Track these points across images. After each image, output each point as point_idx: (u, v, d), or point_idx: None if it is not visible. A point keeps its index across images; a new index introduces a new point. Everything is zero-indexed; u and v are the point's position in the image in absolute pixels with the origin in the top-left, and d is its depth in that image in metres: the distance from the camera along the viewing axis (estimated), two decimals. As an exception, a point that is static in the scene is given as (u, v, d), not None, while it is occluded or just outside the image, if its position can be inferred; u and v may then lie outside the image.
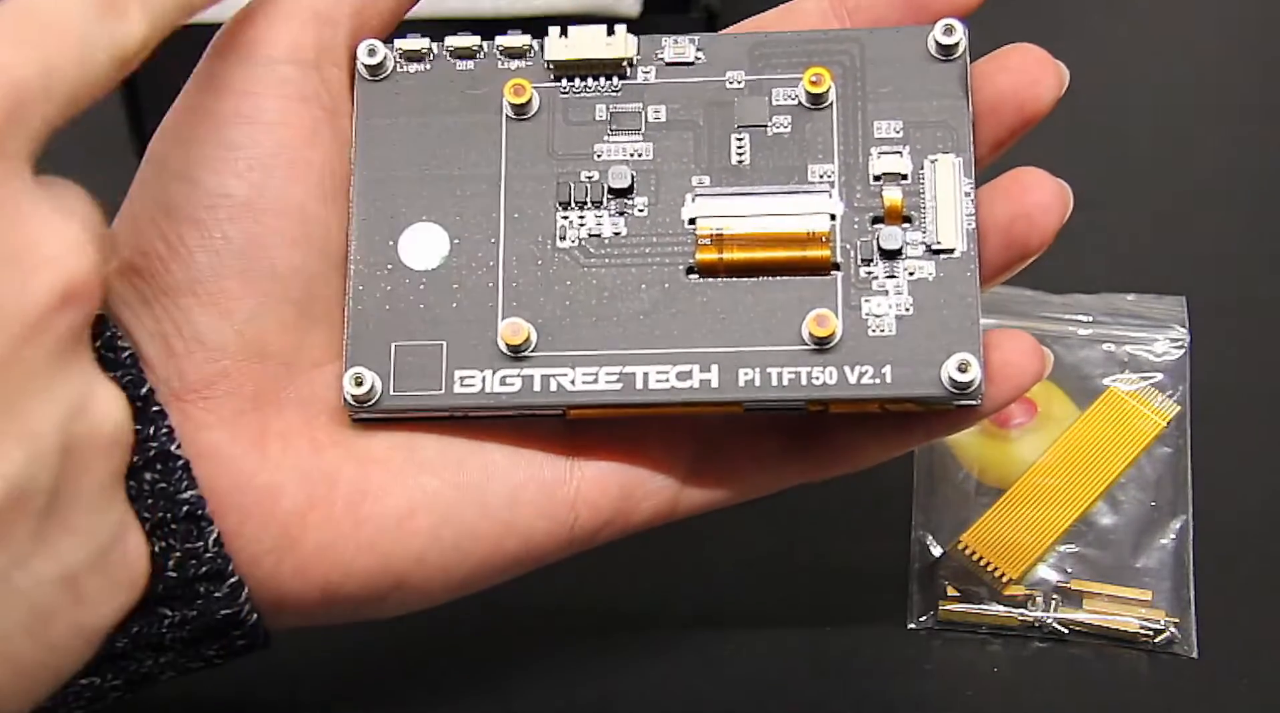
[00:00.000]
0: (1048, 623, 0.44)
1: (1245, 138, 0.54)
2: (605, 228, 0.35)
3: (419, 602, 0.35)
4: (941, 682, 0.43)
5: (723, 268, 0.34)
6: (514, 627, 0.43)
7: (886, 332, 0.34)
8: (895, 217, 0.34)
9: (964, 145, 0.35)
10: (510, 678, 0.43)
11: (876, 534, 0.45)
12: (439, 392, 0.34)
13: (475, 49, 0.36)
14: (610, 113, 0.36)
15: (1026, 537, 0.45)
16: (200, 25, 0.33)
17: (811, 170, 0.35)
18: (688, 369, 0.34)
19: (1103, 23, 0.57)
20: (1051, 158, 0.35)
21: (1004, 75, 0.34)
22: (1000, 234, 0.34)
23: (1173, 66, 0.56)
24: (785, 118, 0.35)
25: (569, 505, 0.35)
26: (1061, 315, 0.48)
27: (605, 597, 0.44)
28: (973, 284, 0.34)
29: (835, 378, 0.33)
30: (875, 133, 0.35)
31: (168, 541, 0.32)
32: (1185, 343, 0.48)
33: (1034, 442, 0.46)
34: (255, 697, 0.42)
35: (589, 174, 0.35)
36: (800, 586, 0.45)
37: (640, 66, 0.36)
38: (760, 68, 0.36)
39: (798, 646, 0.43)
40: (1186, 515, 0.45)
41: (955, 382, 0.33)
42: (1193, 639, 0.43)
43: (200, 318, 0.33)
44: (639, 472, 0.35)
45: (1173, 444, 0.47)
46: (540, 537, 0.35)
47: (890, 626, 0.44)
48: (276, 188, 0.34)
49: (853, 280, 0.34)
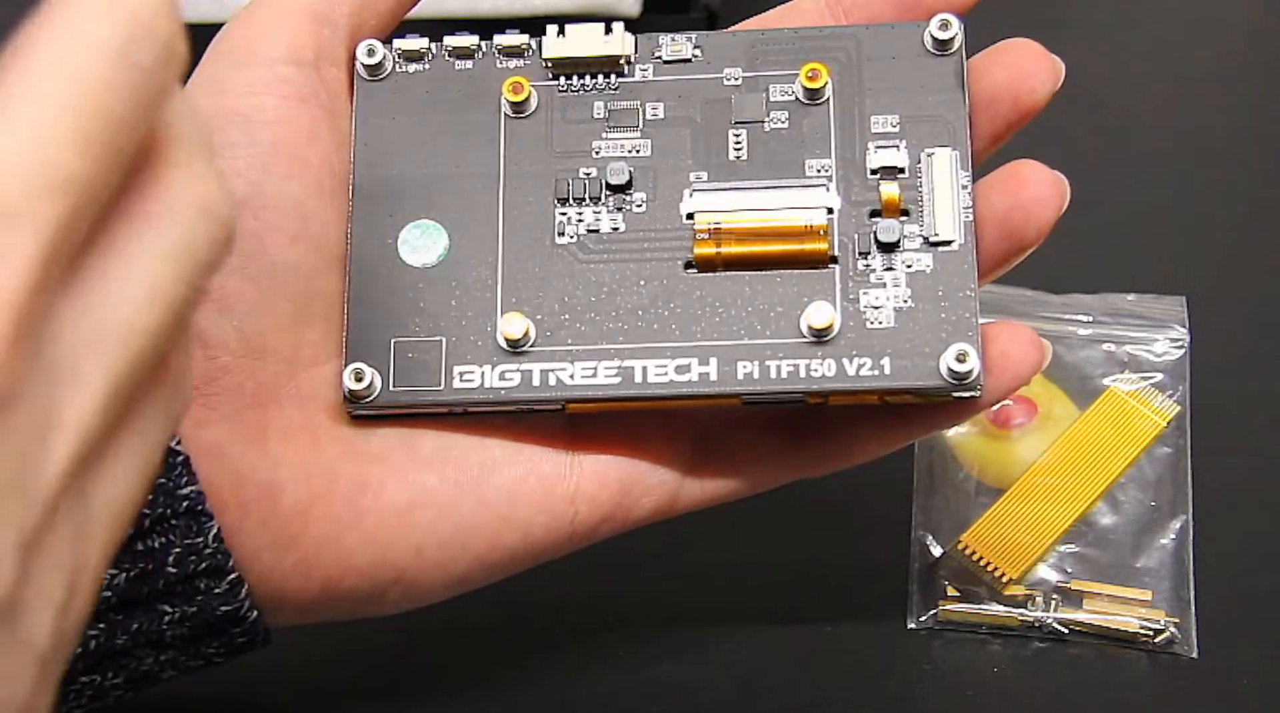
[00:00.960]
0: (1048, 623, 0.44)
1: (1245, 137, 0.54)
2: (603, 224, 0.35)
3: (419, 598, 0.35)
4: (941, 682, 0.43)
5: (720, 262, 0.34)
6: (513, 625, 0.43)
7: (885, 324, 0.34)
8: (893, 210, 0.34)
9: (960, 139, 0.35)
10: (509, 677, 0.43)
11: (876, 534, 0.45)
12: (438, 387, 0.34)
13: (474, 49, 0.36)
14: (608, 110, 0.36)
15: (1026, 537, 0.45)
16: (200, 25, 0.33)
17: (809, 165, 0.35)
18: (686, 363, 0.34)
19: (1103, 21, 0.57)
20: (1052, 158, 0.35)
21: (1000, 69, 0.35)
22: (997, 226, 0.34)
23: (1173, 65, 0.56)
24: (782, 113, 0.35)
25: (568, 500, 0.35)
26: (1061, 315, 0.48)
27: (604, 596, 0.44)
28: (970, 276, 0.34)
29: (834, 370, 0.33)
30: (872, 127, 0.35)
31: (168, 536, 0.32)
32: (1185, 343, 0.48)
33: (1034, 442, 0.46)
34: (256, 697, 0.42)
35: (587, 171, 0.36)
36: (800, 585, 0.44)
37: (638, 64, 0.36)
38: (757, 64, 0.36)
39: (798, 646, 0.43)
40: (1186, 515, 0.45)
41: (954, 372, 0.33)
42: (1193, 639, 0.43)
43: (199, 315, 0.34)
44: (639, 467, 0.35)
45: (1173, 444, 0.46)
46: (540, 532, 0.35)
47: (890, 626, 0.44)
48: (275, 186, 0.34)
49: (851, 273, 0.34)
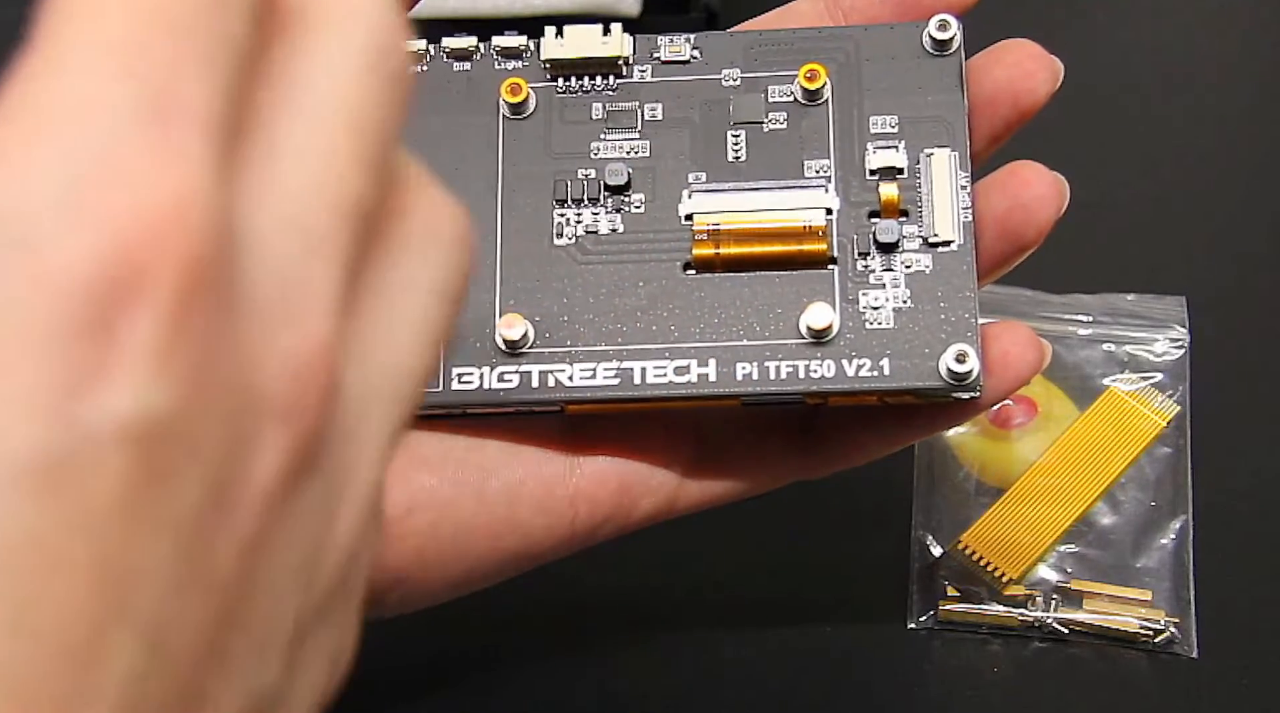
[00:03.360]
0: (1048, 623, 0.44)
1: (1245, 138, 0.54)
2: (602, 225, 0.35)
3: (419, 600, 0.35)
4: (941, 682, 0.43)
5: (719, 263, 0.34)
6: (512, 626, 0.43)
7: (884, 324, 0.34)
8: (892, 210, 0.34)
9: (959, 139, 0.35)
10: (508, 677, 0.43)
11: (876, 534, 0.45)
12: (437, 389, 0.34)
13: (472, 50, 0.36)
14: (606, 111, 0.36)
15: (1026, 537, 0.45)
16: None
17: (808, 166, 0.35)
18: (685, 364, 0.34)
19: (1103, 21, 0.57)
20: (1052, 158, 0.35)
21: (999, 69, 0.35)
22: (997, 226, 0.34)
23: (1173, 65, 0.56)
24: (781, 114, 0.35)
25: (568, 502, 0.35)
26: (1061, 315, 0.48)
27: (603, 596, 0.44)
28: (970, 276, 0.34)
29: (833, 371, 0.33)
30: (871, 128, 0.35)
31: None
32: (1185, 343, 0.48)
33: (1034, 442, 0.46)
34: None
35: (586, 172, 0.35)
36: (800, 585, 0.45)
37: (636, 65, 0.36)
38: (756, 65, 0.36)
39: (798, 646, 0.43)
40: (1186, 515, 0.45)
41: (953, 373, 0.33)
42: (1193, 639, 0.43)
43: None
44: (638, 468, 0.35)
45: (1173, 444, 0.46)
46: (539, 533, 0.35)
47: (890, 626, 0.44)
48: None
49: (850, 274, 0.34)
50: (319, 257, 0.19)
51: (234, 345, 0.18)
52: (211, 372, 0.17)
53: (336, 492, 0.20)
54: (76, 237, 0.17)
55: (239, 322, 0.18)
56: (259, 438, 0.18)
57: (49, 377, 0.16)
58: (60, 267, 0.17)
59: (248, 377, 0.18)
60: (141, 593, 0.17)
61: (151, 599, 0.17)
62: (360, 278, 0.20)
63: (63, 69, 0.17)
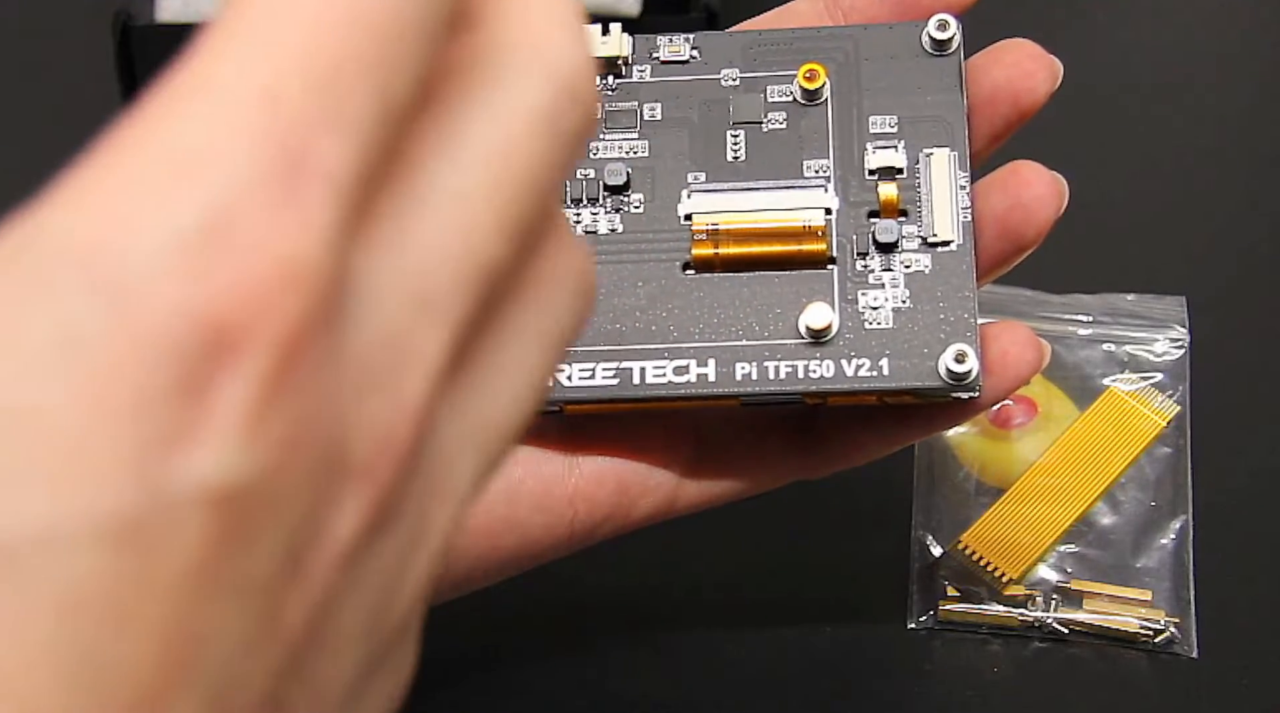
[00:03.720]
0: (1048, 623, 0.44)
1: (1245, 138, 0.54)
2: (601, 225, 0.35)
3: (418, 600, 0.35)
4: (941, 682, 0.43)
5: (718, 263, 0.34)
6: (512, 626, 0.43)
7: (883, 324, 0.34)
8: (891, 210, 0.34)
9: (959, 139, 0.35)
10: (508, 677, 0.43)
11: (876, 534, 0.45)
12: None
13: (472, 49, 0.36)
14: (605, 111, 0.36)
15: (1026, 537, 0.45)
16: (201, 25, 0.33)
17: (807, 166, 0.35)
18: (685, 364, 0.34)
19: (1103, 21, 0.57)
20: (1052, 158, 0.35)
21: (998, 69, 0.35)
22: (996, 226, 0.34)
23: (1173, 65, 0.56)
24: (780, 114, 0.35)
25: (567, 501, 0.35)
26: (1061, 315, 0.48)
27: (603, 596, 0.44)
28: (969, 276, 0.34)
29: (832, 371, 0.33)
30: (870, 128, 0.35)
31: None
32: (1185, 343, 0.48)
33: (1034, 442, 0.46)
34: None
35: (585, 172, 0.35)
36: (800, 585, 0.44)
37: (635, 65, 0.36)
38: (755, 65, 0.36)
39: (798, 646, 0.43)
40: (1186, 515, 0.45)
41: (952, 373, 0.33)
42: (1193, 639, 0.43)
43: None
44: (637, 468, 0.35)
45: (1173, 444, 0.46)
46: (538, 533, 0.35)
47: (890, 626, 0.44)
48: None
49: (849, 274, 0.34)
50: (430, 323, 0.18)
51: (326, 409, 0.17)
52: (301, 437, 0.17)
53: (412, 543, 0.19)
54: (179, 290, 0.16)
55: (334, 384, 0.17)
56: (338, 499, 0.18)
57: (137, 435, 0.16)
58: (159, 320, 0.16)
59: (335, 440, 0.17)
60: (209, 655, 0.17)
61: (218, 662, 0.17)
62: (475, 332, 0.19)
63: (202, 111, 0.17)
